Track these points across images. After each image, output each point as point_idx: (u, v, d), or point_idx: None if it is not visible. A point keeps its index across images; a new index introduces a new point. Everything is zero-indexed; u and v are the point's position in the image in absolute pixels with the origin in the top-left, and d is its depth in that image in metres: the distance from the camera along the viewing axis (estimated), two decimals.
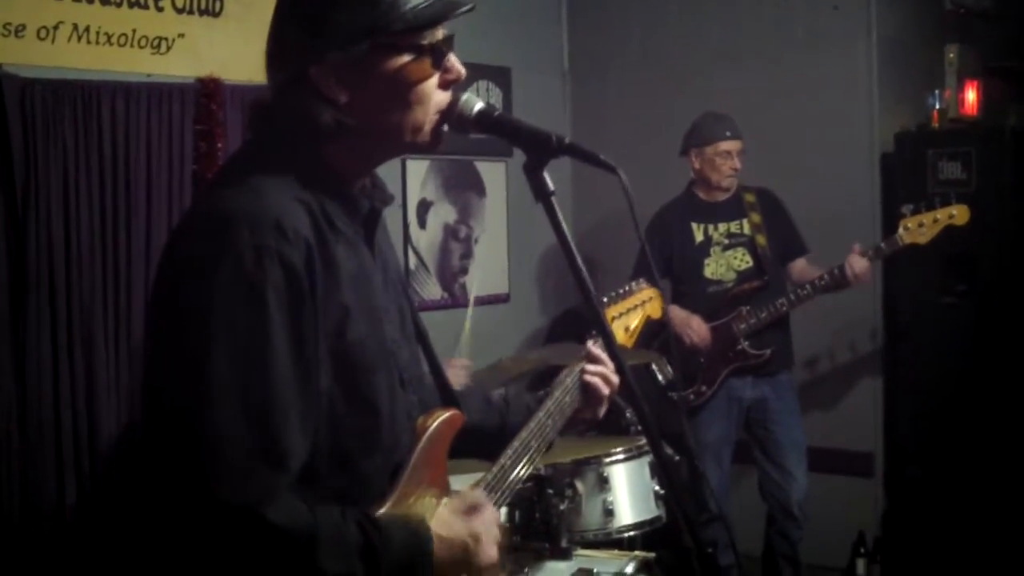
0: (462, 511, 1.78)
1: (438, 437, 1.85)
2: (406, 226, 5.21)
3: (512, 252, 5.67)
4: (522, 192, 1.71)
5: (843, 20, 5.16)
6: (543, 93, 5.97)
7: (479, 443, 2.00)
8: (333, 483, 1.65)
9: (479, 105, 1.75)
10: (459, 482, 1.94)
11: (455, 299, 5.43)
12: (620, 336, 2.33)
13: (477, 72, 5.52)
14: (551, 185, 1.70)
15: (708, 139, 4.64)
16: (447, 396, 1.98)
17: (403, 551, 1.62)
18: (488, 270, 5.59)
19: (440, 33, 1.71)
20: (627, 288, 2.41)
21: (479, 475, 1.95)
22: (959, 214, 4.34)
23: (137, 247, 3.95)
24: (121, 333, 3.92)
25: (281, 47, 1.70)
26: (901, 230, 4.36)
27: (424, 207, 5.29)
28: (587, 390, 2.15)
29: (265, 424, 1.51)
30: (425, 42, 1.68)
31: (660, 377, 4.60)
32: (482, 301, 5.55)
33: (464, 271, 5.49)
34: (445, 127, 1.75)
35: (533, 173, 1.71)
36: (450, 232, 5.42)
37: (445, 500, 1.82)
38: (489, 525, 1.78)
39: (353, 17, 1.63)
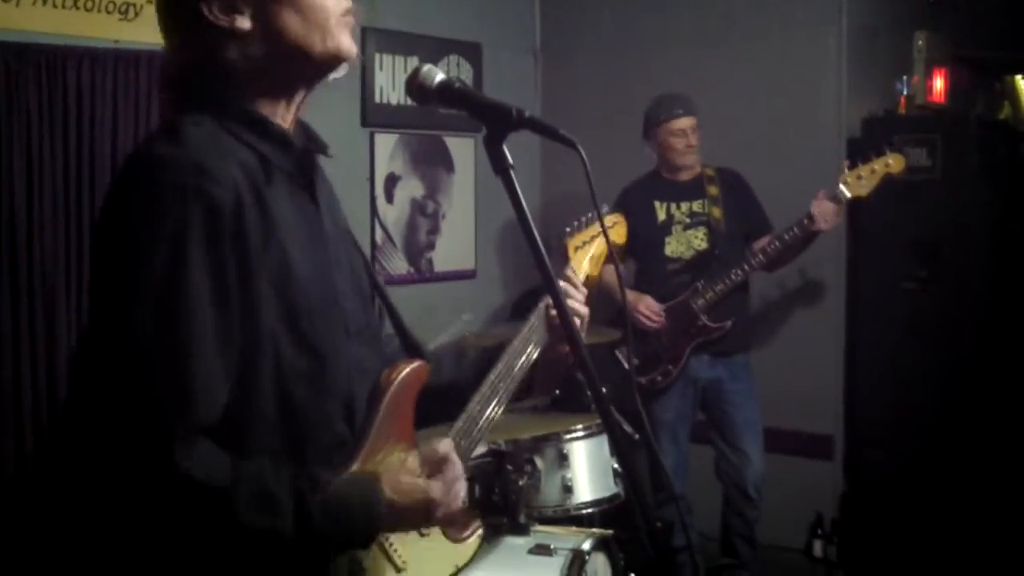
0: (424, 468, 1.74)
1: (403, 389, 1.83)
2: (373, 200, 5.20)
3: (479, 228, 5.67)
4: (490, 168, 1.71)
5: (813, 5, 5.18)
6: (514, 70, 5.96)
7: (457, 401, 1.96)
8: (287, 432, 1.64)
9: (440, 76, 1.75)
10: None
11: (421, 274, 5.43)
12: (585, 264, 2.27)
13: (448, 47, 5.51)
14: (510, 159, 1.70)
15: (661, 119, 4.66)
16: (411, 350, 1.97)
17: (347, 515, 1.60)
18: (455, 245, 5.59)
19: None
20: (589, 216, 2.36)
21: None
22: (895, 163, 4.37)
23: (97, 215, 3.92)
24: (83, 300, 3.90)
25: (167, 1, 1.71)
26: (841, 185, 4.37)
27: (392, 181, 5.27)
28: (553, 326, 2.08)
29: (179, 367, 1.50)
30: None
31: (624, 362, 4.64)
32: (448, 276, 5.57)
33: (431, 246, 5.48)
34: (354, 30, 1.75)
35: (493, 146, 1.70)
36: (417, 207, 5.41)
37: (412, 454, 1.78)
38: (451, 482, 1.75)
39: None
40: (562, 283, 2.07)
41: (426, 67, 1.75)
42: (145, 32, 4.09)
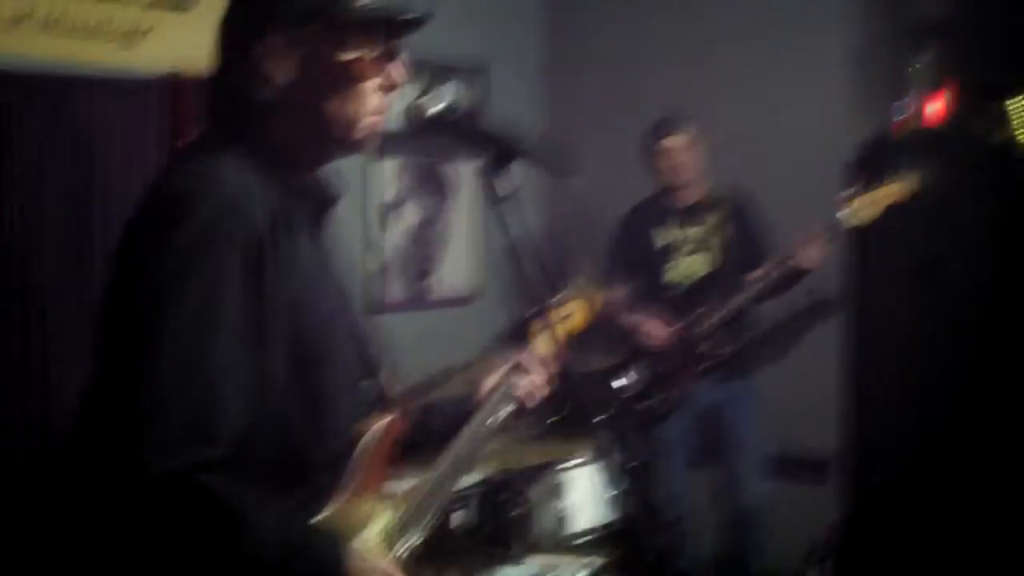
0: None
1: (377, 442, 1.86)
2: (369, 227, 5.20)
3: (476, 254, 5.67)
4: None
5: (812, 27, 5.19)
6: (520, 91, 5.94)
7: (414, 452, 2.01)
8: (274, 475, 1.66)
9: (437, 106, 1.78)
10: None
11: (419, 300, 5.43)
12: (548, 345, 2.33)
13: (451, 71, 5.51)
14: (508, 188, 1.71)
15: (652, 141, 4.70)
16: (386, 401, 2.00)
17: (318, 558, 1.63)
18: (453, 271, 5.60)
19: (389, 36, 1.74)
20: (557, 299, 2.47)
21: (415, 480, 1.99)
22: (898, 189, 4.39)
23: (100, 243, 3.92)
24: (86, 327, 3.89)
25: (229, 26, 1.73)
26: (843, 213, 4.38)
27: (388, 208, 5.28)
28: (517, 398, 2.19)
29: (203, 399, 1.53)
30: (371, 41, 1.71)
31: (623, 387, 4.64)
32: (447, 303, 5.57)
33: (428, 273, 5.49)
34: (377, 131, 1.77)
35: (489, 176, 1.72)
36: (414, 233, 5.42)
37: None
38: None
39: (305, 1, 1.68)
40: (524, 359, 2.21)
41: (423, 97, 1.77)
42: (145, 60, 4.11)
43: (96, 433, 1.57)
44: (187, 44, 4.18)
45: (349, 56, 1.70)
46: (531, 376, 2.20)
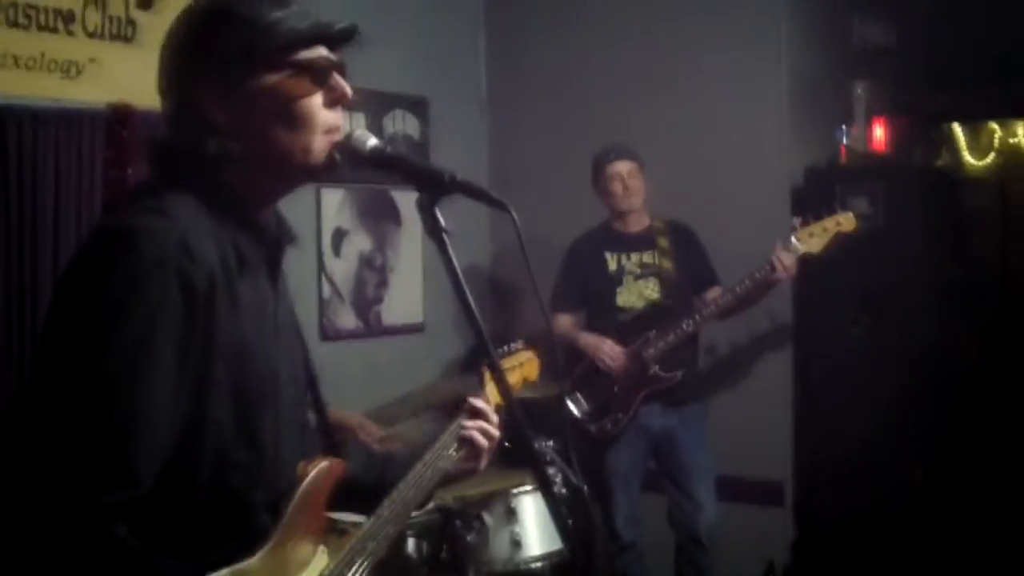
0: None
1: (317, 485, 1.85)
2: (320, 255, 5.19)
3: (428, 282, 5.66)
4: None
5: (754, 55, 5.25)
6: (462, 123, 5.98)
7: (355, 496, 1.99)
8: (214, 515, 1.64)
9: (372, 141, 1.76)
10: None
11: (370, 328, 5.41)
12: (496, 395, 2.31)
13: (394, 102, 5.52)
14: (443, 222, 1.71)
15: (598, 167, 4.74)
16: (329, 444, 1.99)
17: None
18: (403, 300, 5.58)
19: (322, 52, 1.72)
20: (506, 348, 2.49)
21: (359, 519, 1.97)
22: (845, 222, 4.48)
23: (43, 276, 3.87)
24: (24, 363, 3.84)
25: (168, 76, 1.70)
26: (794, 240, 4.45)
27: (339, 236, 5.26)
28: (466, 443, 2.17)
29: (124, 439, 1.48)
30: (303, 58, 1.69)
31: (575, 410, 4.65)
32: (397, 331, 5.55)
33: (379, 300, 5.47)
34: (337, 154, 1.74)
35: (426, 210, 1.72)
36: (365, 261, 5.40)
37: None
38: None
39: (231, 40, 1.66)
40: (477, 403, 2.20)
41: (357, 132, 1.76)
42: (87, 91, 4.08)
43: (6, 467, 1.49)
44: (131, 75, 4.15)
45: (284, 76, 1.68)
46: (481, 421, 2.19)
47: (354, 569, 1.91)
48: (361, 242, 5.38)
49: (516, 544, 3.57)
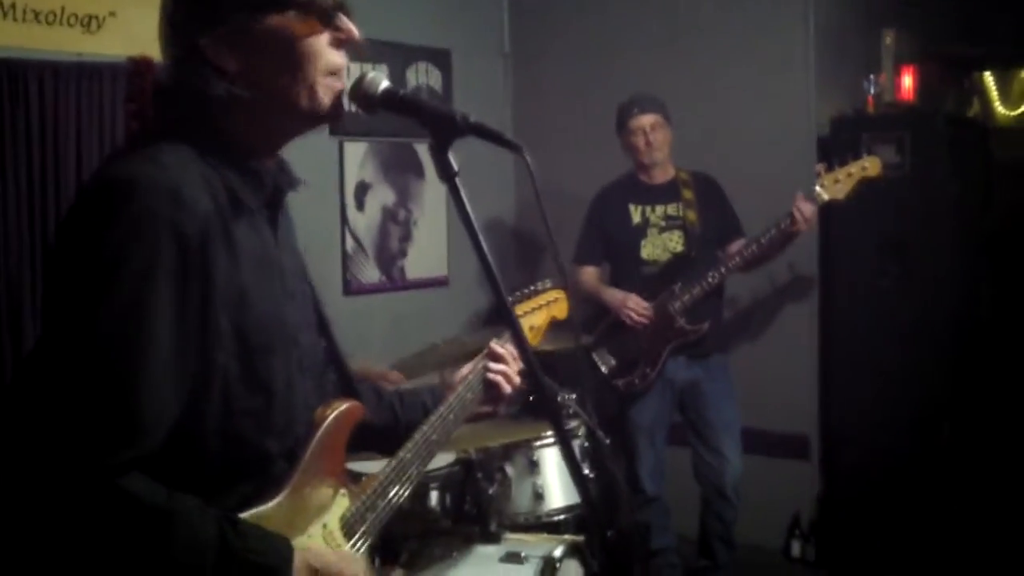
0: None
1: (336, 428, 1.84)
2: (344, 208, 5.18)
3: (451, 235, 5.66)
4: (462, 174, 1.70)
5: (781, 5, 5.18)
6: (483, 75, 5.95)
7: (368, 438, 1.99)
8: (226, 464, 1.63)
9: (384, 84, 1.74)
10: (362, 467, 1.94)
11: (393, 282, 5.41)
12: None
13: (416, 54, 5.49)
14: (455, 166, 1.69)
15: (622, 120, 4.69)
16: (347, 387, 1.98)
17: (261, 563, 1.58)
18: (427, 253, 5.58)
19: None
20: (534, 288, 2.46)
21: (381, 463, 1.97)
22: (871, 166, 4.41)
23: None
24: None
25: (173, 23, 1.69)
26: (818, 187, 4.39)
27: (362, 189, 5.26)
28: (489, 387, 2.19)
29: (128, 396, 1.48)
30: (308, 1, 1.68)
31: (602, 366, 4.63)
32: (421, 284, 5.55)
33: (403, 254, 5.47)
34: (348, 101, 1.73)
35: (439, 153, 1.69)
36: (389, 215, 5.40)
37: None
38: (356, 564, 1.77)
39: None
40: (499, 349, 2.21)
41: (370, 75, 1.74)
42: (108, 45, 4.08)
43: (13, 429, 1.49)
44: (150, 28, 4.09)
45: (290, 17, 1.67)
46: (505, 364, 2.19)
47: (377, 511, 1.91)
48: (384, 195, 5.37)
49: (538, 496, 3.56)
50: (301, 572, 1.64)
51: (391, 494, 1.94)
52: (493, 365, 2.19)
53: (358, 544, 1.86)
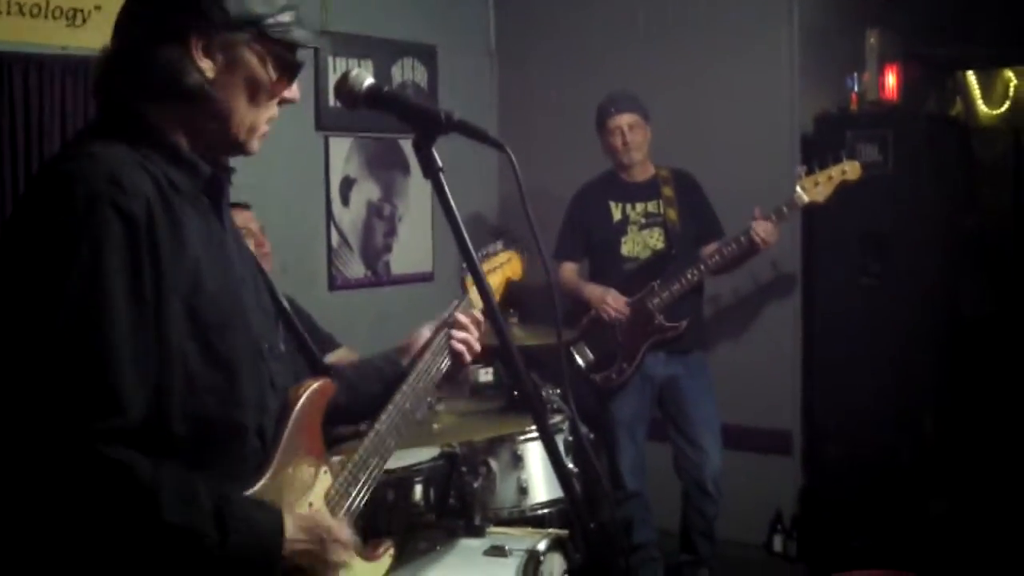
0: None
1: (310, 406, 1.87)
2: (329, 204, 5.18)
3: (436, 230, 5.67)
4: (446, 171, 1.75)
5: (765, 3, 5.20)
6: (469, 72, 5.96)
7: (333, 414, 2.01)
8: (198, 446, 1.65)
9: (368, 81, 1.77)
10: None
11: (378, 277, 5.42)
12: (479, 300, 2.34)
13: (402, 50, 5.50)
14: (439, 161, 1.71)
15: (601, 120, 4.71)
16: (316, 367, 2.02)
17: (253, 529, 1.62)
18: (412, 248, 5.58)
19: (300, 59, 1.81)
20: (486, 251, 2.49)
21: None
22: (851, 170, 4.45)
23: None
24: None
25: (160, 9, 1.71)
26: (799, 190, 4.42)
27: (347, 184, 5.26)
28: (452, 355, 2.21)
29: (106, 371, 1.51)
30: (291, 61, 1.78)
31: (580, 361, 4.65)
32: (406, 279, 5.56)
33: (388, 249, 5.48)
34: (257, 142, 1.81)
35: (422, 149, 1.72)
36: (373, 210, 5.41)
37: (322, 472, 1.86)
38: (345, 528, 1.81)
39: (243, 5, 1.71)
40: (460, 317, 2.24)
41: (355, 72, 1.77)
42: (93, 38, 4.06)
43: None
44: None
45: (273, 69, 1.75)
46: (466, 332, 2.22)
47: (359, 486, 1.95)
48: (369, 191, 5.38)
49: (523, 490, 3.57)
50: (292, 531, 1.67)
51: (371, 466, 1.98)
52: (456, 333, 2.21)
53: (343, 519, 1.89)
